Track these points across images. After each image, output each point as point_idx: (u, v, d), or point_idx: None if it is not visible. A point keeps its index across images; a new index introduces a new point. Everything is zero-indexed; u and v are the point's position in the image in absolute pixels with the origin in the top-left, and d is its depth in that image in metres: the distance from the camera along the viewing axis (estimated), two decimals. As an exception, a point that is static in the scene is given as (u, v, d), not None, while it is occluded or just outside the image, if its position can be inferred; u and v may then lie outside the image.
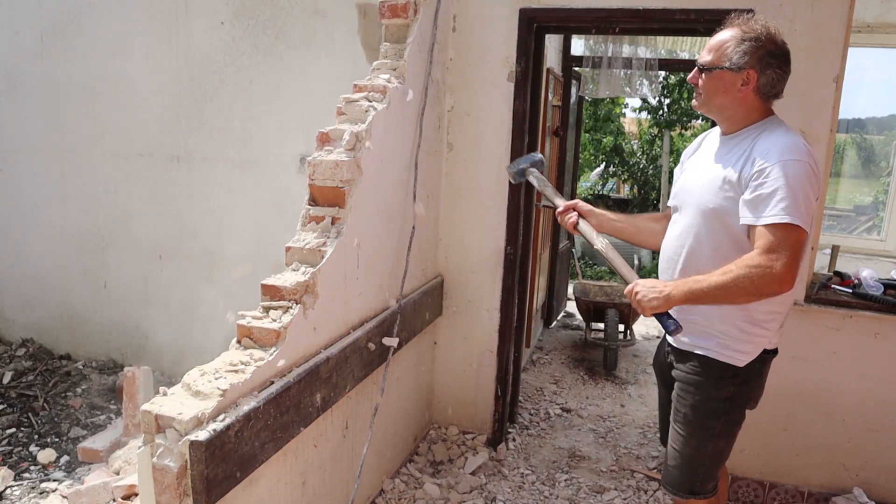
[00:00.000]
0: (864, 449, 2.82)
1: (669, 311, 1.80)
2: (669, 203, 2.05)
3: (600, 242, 2.07)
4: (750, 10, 2.60)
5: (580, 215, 2.14)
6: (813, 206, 1.70)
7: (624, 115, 11.20)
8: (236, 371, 1.74)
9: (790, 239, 1.65)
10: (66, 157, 4.12)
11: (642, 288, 1.81)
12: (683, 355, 1.96)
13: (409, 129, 2.68)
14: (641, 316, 1.99)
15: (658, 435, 2.37)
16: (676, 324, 1.81)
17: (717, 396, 1.89)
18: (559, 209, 2.17)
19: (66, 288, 4.26)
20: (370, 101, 2.39)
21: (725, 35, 1.81)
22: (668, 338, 2.02)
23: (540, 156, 2.40)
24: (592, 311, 4.88)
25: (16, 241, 4.34)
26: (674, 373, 2.00)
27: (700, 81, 1.85)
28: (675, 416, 1.98)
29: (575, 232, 2.14)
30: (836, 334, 2.75)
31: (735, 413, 1.93)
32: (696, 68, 1.86)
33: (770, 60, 1.76)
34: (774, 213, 1.66)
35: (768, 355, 1.94)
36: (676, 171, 2.13)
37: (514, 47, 2.99)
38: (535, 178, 2.32)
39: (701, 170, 1.92)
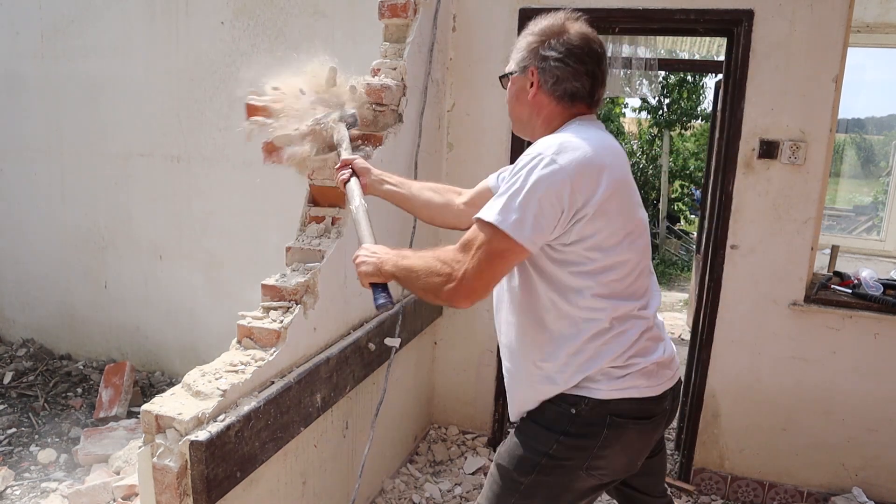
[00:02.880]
0: (863, 449, 2.82)
1: (386, 284, 1.57)
2: None
3: (354, 203, 1.83)
4: (749, 11, 2.62)
5: (354, 173, 1.92)
6: (547, 211, 1.34)
7: (624, 115, 11.21)
8: (236, 371, 1.74)
9: (486, 243, 1.34)
10: (66, 156, 4.12)
11: (363, 252, 1.60)
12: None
13: (409, 129, 2.68)
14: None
15: None
16: (387, 299, 1.55)
17: (536, 448, 1.50)
18: (337, 164, 1.96)
19: (66, 288, 4.26)
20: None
21: (519, 39, 1.59)
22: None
23: (353, 112, 2.15)
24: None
25: (16, 241, 4.34)
26: None
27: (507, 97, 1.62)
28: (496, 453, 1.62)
29: (343, 190, 1.92)
30: (836, 334, 2.76)
31: (557, 477, 1.49)
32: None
33: (546, 53, 1.49)
34: (485, 210, 1.37)
35: (619, 418, 1.46)
36: None
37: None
38: (336, 132, 2.07)
39: None
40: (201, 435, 1.53)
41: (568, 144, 1.38)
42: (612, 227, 1.40)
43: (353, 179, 1.92)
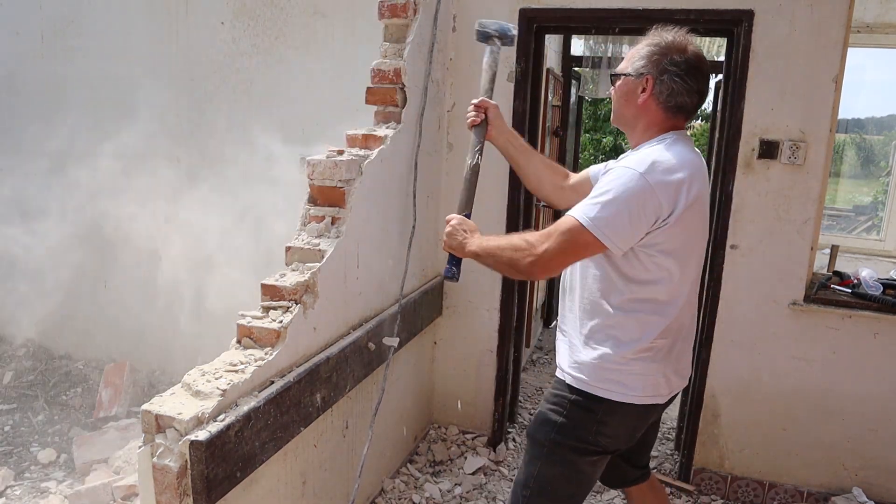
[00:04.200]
0: (863, 448, 2.82)
1: (461, 260, 1.81)
2: None
3: (469, 161, 1.98)
4: (749, 11, 2.62)
5: (486, 120, 2.05)
6: (630, 221, 1.54)
7: (624, 115, 11.19)
8: (236, 371, 1.74)
9: (568, 232, 1.58)
10: (66, 157, 4.12)
11: (457, 222, 1.84)
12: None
13: (408, 130, 2.68)
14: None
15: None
16: (454, 273, 1.80)
17: (554, 410, 1.75)
18: (476, 101, 2.08)
19: (66, 288, 4.25)
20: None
21: (637, 45, 1.75)
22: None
23: (514, 32, 2.23)
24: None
25: (16, 241, 4.34)
26: None
27: (612, 92, 1.80)
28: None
29: (470, 130, 2.06)
30: (836, 334, 2.76)
31: (571, 437, 1.73)
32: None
33: (668, 67, 1.64)
34: (576, 209, 1.59)
35: (635, 407, 1.70)
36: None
37: (514, 47, 2.99)
38: (489, 56, 2.14)
39: None
40: (201, 435, 1.53)
41: (658, 163, 1.57)
42: (685, 236, 1.62)
43: (482, 126, 2.04)
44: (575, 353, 1.74)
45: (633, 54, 1.72)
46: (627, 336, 1.66)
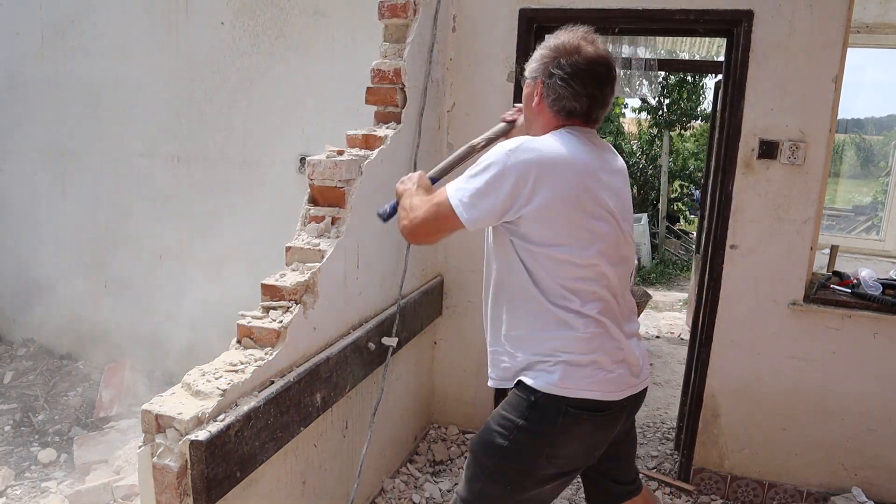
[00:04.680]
0: (863, 448, 2.82)
1: (397, 201, 1.82)
2: None
3: (474, 141, 1.97)
4: (749, 11, 2.62)
5: (512, 125, 1.97)
6: (486, 201, 1.52)
7: (623, 115, 11.21)
8: (236, 371, 1.74)
9: (437, 204, 1.60)
10: (66, 157, 4.12)
11: (415, 175, 1.87)
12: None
13: (408, 130, 2.68)
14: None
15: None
16: (385, 213, 1.88)
17: (500, 433, 1.61)
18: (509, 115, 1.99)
19: (66, 288, 4.26)
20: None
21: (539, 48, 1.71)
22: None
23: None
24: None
25: (17, 241, 4.34)
26: None
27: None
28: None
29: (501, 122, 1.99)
30: (835, 334, 2.76)
31: (518, 462, 1.60)
32: None
33: (554, 70, 1.60)
34: (451, 182, 1.61)
35: (575, 409, 1.56)
36: None
37: (513, 47, 3.00)
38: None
39: None
40: (201, 434, 1.53)
41: (527, 146, 1.54)
42: (570, 225, 1.55)
43: (506, 125, 1.99)
44: (513, 357, 1.67)
45: (532, 57, 1.71)
46: (555, 336, 1.60)
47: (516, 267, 1.61)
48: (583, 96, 1.61)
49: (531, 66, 1.68)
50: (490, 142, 1.98)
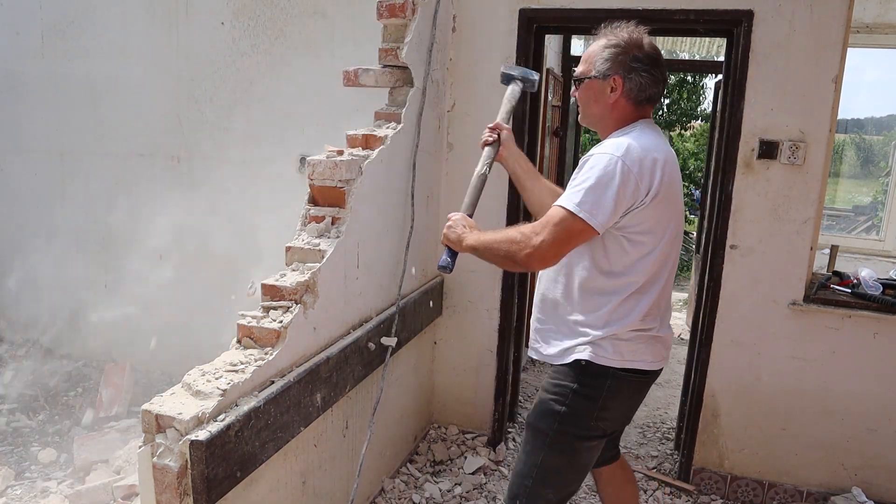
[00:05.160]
0: (862, 448, 2.82)
1: (456, 252, 1.90)
2: None
3: (478, 169, 2.06)
4: (749, 11, 2.62)
5: (498, 140, 2.12)
6: (614, 203, 1.63)
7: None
8: (236, 371, 1.74)
9: (560, 222, 1.65)
10: (66, 157, 4.12)
11: (457, 218, 1.92)
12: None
13: (408, 130, 2.68)
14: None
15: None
16: (449, 265, 1.89)
17: (556, 400, 1.80)
18: (492, 124, 2.16)
19: (66, 288, 4.26)
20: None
21: (593, 46, 1.81)
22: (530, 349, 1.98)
23: (535, 77, 2.31)
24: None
25: (16, 241, 4.34)
26: None
27: (577, 94, 1.86)
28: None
29: (482, 148, 2.13)
30: (835, 334, 2.76)
31: (573, 425, 1.80)
32: (574, 85, 1.87)
33: (633, 65, 1.74)
34: (562, 198, 1.68)
35: (623, 372, 1.78)
36: None
37: (513, 48, 3.00)
38: (510, 91, 2.24)
39: None
40: (201, 434, 1.53)
41: (632, 147, 1.66)
42: (660, 215, 1.70)
43: (494, 146, 2.13)
44: (569, 338, 1.80)
45: (593, 56, 1.79)
46: (616, 317, 1.75)
47: (595, 251, 1.73)
48: (661, 81, 1.78)
49: (601, 66, 1.76)
50: (490, 166, 2.08)
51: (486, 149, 2.11)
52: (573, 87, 1.87)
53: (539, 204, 2.10)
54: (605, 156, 1.65)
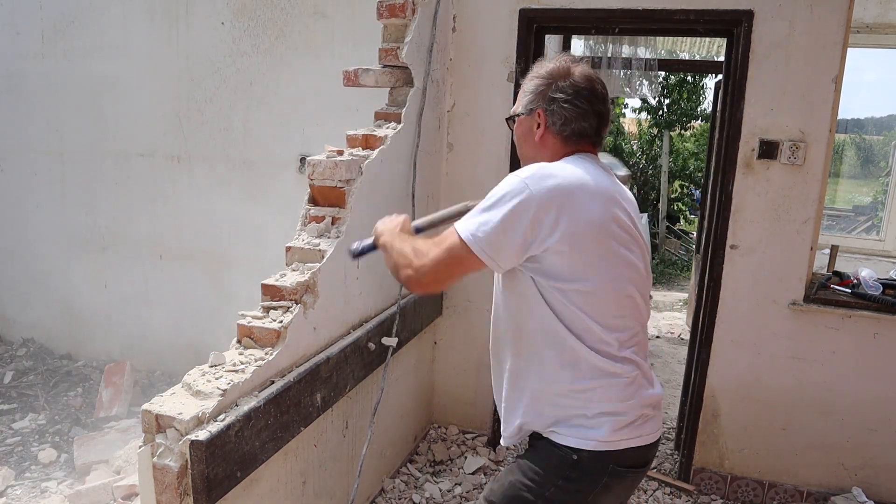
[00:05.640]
0: (863, 448, 2.82)
1: (374, 246, 1.72)
2: None
3: (451, 208, 1.85)
4: (749, 11, 2.62)
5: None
6: (510, 231, 1.39)
7: (624, 115, 11.20)
8: (236, 371, 1.74)
9: (447, 247, 1.44)
10: (66, 157, 4.12)
11: (394, 216, 1.74)
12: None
13: (408, 130, 2.68)
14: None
15: None
16: (357, 250, 1.77)
17: (532, 489, 1.48)
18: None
19: (66, 288, 4.26)
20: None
21: (525, 82, 1.63)
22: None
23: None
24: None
25: (16, 241, 4.34)
26: None
27: (514, 137, 1.68)
28: (484, 490, 1.64)
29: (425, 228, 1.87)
30: (835, 334, 2.76)
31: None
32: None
33: (554, 95, 1.54)
34: (459, 222, 1.46)
35: (622, 467, 1.49)
36: None
37: (513, 48, 3.00)
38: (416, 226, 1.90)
39: None
40: (201, 434, 1.53)
41: (545, 172, 1.42)
42: (581, 261, 1.42)
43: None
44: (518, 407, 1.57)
45: (522, 93, 1.63)
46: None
47: (541, 311, 1.47)
48: (591, 114, 1.55)
49: (524, 102, 1.60)
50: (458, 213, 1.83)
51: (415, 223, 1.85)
52: (511, 130, 1.69)
53: None
54: (510, 178, 1.43)
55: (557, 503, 1.48)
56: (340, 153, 2.28)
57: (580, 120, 1.54)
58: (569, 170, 1.45)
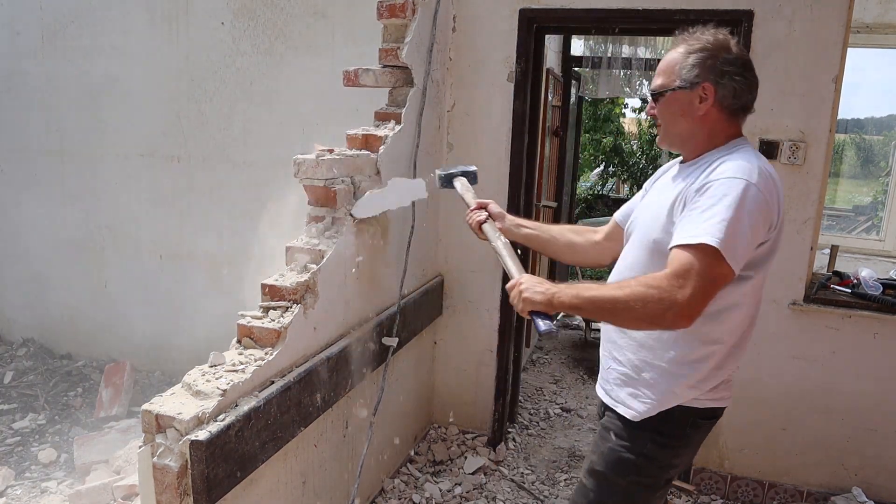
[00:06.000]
0: (863, 448, 2.82)
1: (548, 313, 1.55)
2: (626, 229, 1.78)
3: (497, 243, 1.86)
4: (749, 12, 2.62)
5: (490, 216, 1.94)
6: (752, 239, 1.42)
7: (624, 115, 11.20)
8: (236, 371, 1.74)
9: (704, 266, 1.36)
10: (66, 157, 4.12)
11: (528, 282, 1.56)
12: (607, 406, 1.72)
13: (408, 130, 2.68)
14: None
15: None
16: (550, 325, 1.54)
17: (632, 448, 1.62)
18: (471, 207, 1.98)
19: (66, 288, 4.26)
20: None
21: (672, 54, 1.59)
22: (599, 387, 1.78)
23: (474, 169, 2.20)
24: (592, 310, 4.87)
25: (16, 241, 4.34)
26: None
27: (656, 111, 1.62)
28: (584, 466, 1.74)
29: (479, 233, 1.93)
30: (835, 334, 2.76)
31: (649, 475, 1.65)
32: (651, 99, 1.62)
33: (725, 69, 1.52)
34: (695, 234, 1.38)
35: (702, 419, 1.66)
36: (636, 196, 1.87)
37: (513, 48, 3.00)
38: (459, 183, 2.14)
39: (651, 200, 1.69)
40: (201, 434, 1.53)
41: (762, 171, 1.46)
42: (774, 247, 1.53)
43: (489, 222, 1.93)
44: (647, 385, 1.61)
45: (674, 65, 1.57)
46: (706, 359, 1.59)
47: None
48: (755, 87, 1.57)
49: (687, 74, 1.54)
50: (501, 237, 1.88)
51: (486, 227, 1.92)
52: (649, 105, 1.64)
53: (569, 247, 1.95)
54: (734, 182, 1.41)
55: (656, 456, 1.62)
56: (331, 152, 2.28)
57: (748, 93, 1.55)
58: (764, 163, 1.50)
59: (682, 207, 1.48)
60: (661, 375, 1.59)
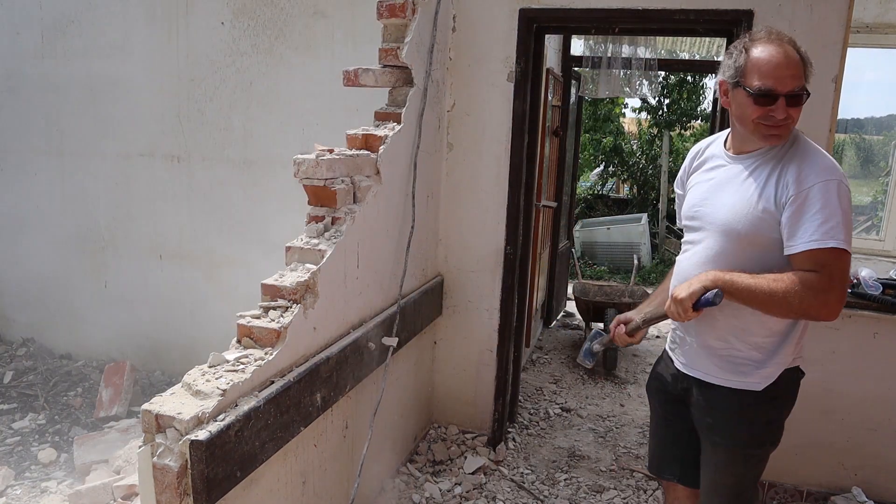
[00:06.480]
0: (862, 448, 2.82)
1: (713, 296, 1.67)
2: (684, 224, 1.92)
3: (643, 316, 2.00)
4: (749, 11, 2.62)
5: (623, 322, 2.05)
6: (852, 228, 1.65)
7: (624, 115, 11.20)
8: (236, 371, 1.74)
9: (840, 265, 1.60)
10: (66, 157, 4.12)
11: (675, 291, 1.72)
12: (708, 386, 1.84)
13: (408, 130, 2.68)
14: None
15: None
16: (716, 292, 1.66)
17: (759, 421, 1.84)
18: (610, 336, 2.12)
19: (66, 288, 4.26)
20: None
21: (793, 55, 1.65)
22: (688, 369, 1.90)
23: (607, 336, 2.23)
24: (592, 310, 4.89)
25: (16, 241, 4.34)
26: (695, 402, 1.89)
27: (796, 112, 1.68)
28: (715, 449, 1.89)
29: (637, 335, 2.03)
30: (835, 334, 2.76)
31: (777, 433, 1.90)
32: (784, 100, 1.63)
33: (812, 72, 1.69)
34: (821, 239, 1.59)
35: (798, 376, 1.88)
36: (678, 187, 2.00)
37: (513, 47, 3.00)
38: (598, 344, 2.23)
39: (723, 189, 1.78)
40: (201, 434, 1.53)
41: (837, 165, 1.68)
42: None
43: (630, 323, 2.04)
44: (766, 356, 1.79)
45: (802, 68, 1.65)
46: (792, 333, 1.79)
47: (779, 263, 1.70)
48: None
49: (809, 73, 1.68)
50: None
51: (632, 328, 2.02)
52: (780, 108, 1.64)
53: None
54: (834, 180, 1.62)
55: (776, 420, 1.87)
56: (331, 152, 2.28)
57: None
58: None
59: (781, 207, 1.65)
60: (777, 345, 1.78)
